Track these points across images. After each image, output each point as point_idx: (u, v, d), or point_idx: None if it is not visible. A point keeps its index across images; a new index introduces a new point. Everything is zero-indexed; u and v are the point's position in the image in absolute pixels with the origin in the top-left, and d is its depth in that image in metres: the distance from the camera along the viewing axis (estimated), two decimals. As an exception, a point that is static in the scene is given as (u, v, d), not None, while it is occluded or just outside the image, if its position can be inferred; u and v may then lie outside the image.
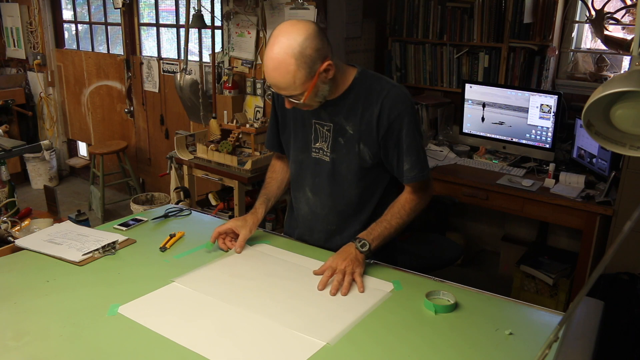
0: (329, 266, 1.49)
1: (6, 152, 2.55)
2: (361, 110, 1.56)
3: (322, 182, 1.68)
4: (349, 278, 1.45)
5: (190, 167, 3.37)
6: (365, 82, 1.57)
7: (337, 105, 1.58)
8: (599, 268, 0.87)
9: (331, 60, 1.45)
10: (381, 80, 1.57)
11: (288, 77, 1.41)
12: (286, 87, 1.44)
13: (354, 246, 1.52)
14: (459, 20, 3.36)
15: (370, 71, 1.61)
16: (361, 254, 1.51)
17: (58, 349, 1.18)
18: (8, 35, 5.21)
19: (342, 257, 1.50)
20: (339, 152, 1.62)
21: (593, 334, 1.22)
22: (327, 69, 1.45)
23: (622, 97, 0.92)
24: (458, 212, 3.72)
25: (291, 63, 1.39)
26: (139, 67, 4.45)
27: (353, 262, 1.49)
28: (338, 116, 1.59)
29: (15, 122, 5.03)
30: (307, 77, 1.42)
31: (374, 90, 1.55)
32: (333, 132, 1.61)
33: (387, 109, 1.53)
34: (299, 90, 1.45)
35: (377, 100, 1.54)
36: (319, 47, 1.42)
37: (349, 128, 1.58)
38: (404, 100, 1.54)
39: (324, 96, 1.53)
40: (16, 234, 1.95)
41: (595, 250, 2.64)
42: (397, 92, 1.54)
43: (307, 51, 1.39)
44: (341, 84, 1.56)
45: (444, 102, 3.56)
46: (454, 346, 1.21)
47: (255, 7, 3.36)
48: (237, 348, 1.19)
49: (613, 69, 3.13)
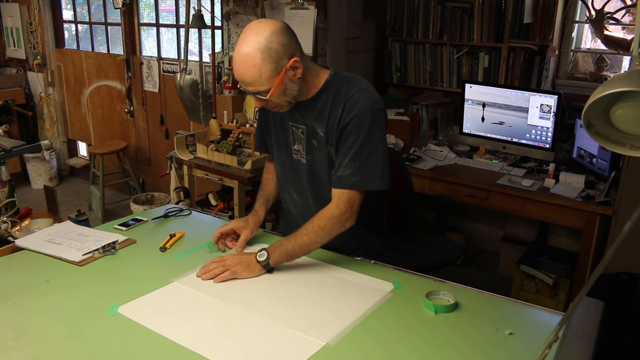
0: (222, 259, 1.52)
1: (6, 152, 2.55)
2: (328, 113, 1.54)
3: (303, 183, 1.68)
4: (227, 273, 1.47)
5: (190, 167, 3.37)
6: (336, 84, 1.55)
7: (308, 108, 1.57)
8: (599, 268, 0.87)
9: (299, 58, 1.44)
10: (350, 83, 1.55)
11: (254, 71, 1.41)
12: (252, 82, 1.43)
13: (255, 253, 1.53)
14: (459, 20, 3.36)
15: (345, 73, 1.59)
16: (257, 263, 1.51)
17: (58, 349, 1.18)
18: (8, 35, 5.21)
19: (237, 257, 1.53)
20: (313, 154, 1.62)
21: (593, 334, 1.22)
22: (294, 66, 1.44)
23: (622, 97, 0.92)
24: (458, 212, 3.72)
25: (257, 56, 1.39)
26: (139, 67, 4.45)
27: (242, 264, 1.50)
28: (310, 118, 1.58)
29: (15, 122, 5.02)
30: (273, 72, 1.42)
31: (342, 92, 1.53)
32: (306, 134, 1.61)
33: (346, 111, 1.51)
34: (265, 85, 1.44)
35: (341, 102, 1.52)
36: (286, 42, 1.42)
37: (319, 130, 1.58)
38: (363, 105, 1.50)
39: (292, 96, 1.51)
40: (16, 234, 1.95)
41: (595, 250, 2.64)
42: (360, 96, 1.51)
43: (272, 45, 1.39)
44: (313, 85, 1.55)
45: (444, 102, 3.56)
46: (454, 346, 1.21)
47: (255, 7, 3.36)
48: (237, 348, 1.19)
49: (613, 69, 3.13)
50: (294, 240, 1.53)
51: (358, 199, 1.54)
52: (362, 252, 1.69)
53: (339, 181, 1.53)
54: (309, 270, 1.56)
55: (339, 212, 1.52)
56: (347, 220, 1.53)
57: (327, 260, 1.63)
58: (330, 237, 1.54)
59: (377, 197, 1.71)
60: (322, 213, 1.54)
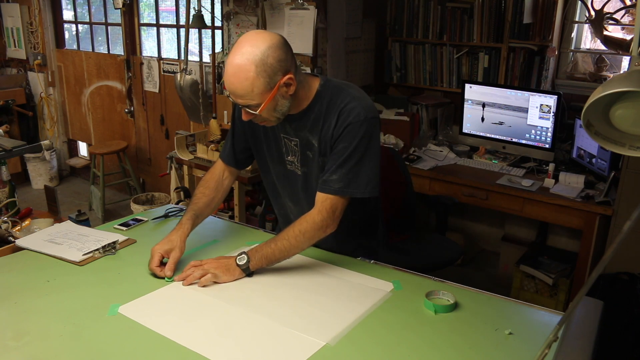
0: (201, 263, 1.50)
1: (6, 152, 2.55)
2: (322, 123, 1.52)
3: (298, 193, 1.67)
4: (208, 276, 1.45)
5: (190, 167, 3.37)
6: (327, 94, 1.52)
7: (301, 120, 1.55)
8: (598, 268, 0.87)
9: (293, 75, 1.41)
10: (342, 92, 1.52)
11: (246, 84, 1.37)
12: (243, 95, 1.39)
13: (235, 256, 1.50)
14: (458, 21, 3.36)
15: (334, 81, 1.57)
16: (237, 267, 1.48)
17: (58, 349, 1.18)
18: (8, 36, 5.21)
19: (217, 261, 1.50)
20: (309, 165, 1.60)
21: (592, 334, 1.22)
22: (288, 82, 1.41)
23: (622, 97, 0.92)
24: (458, 212, 3.72)
25: (251, 70, 1.35)
26: (139, 67, 4.45)
27: (221, 267, 1.47)
28: (303, 131, 1.56)
29: (15, 122, 5.02)
30: (266, 87, 1.38)
31: (334, 103, 1.50)
32: (300, 146, 1.59)
33: (341, 120, 1.48)
34: (257, 100, 1.40)
35: (335, 112, 1.50)
36: (282, 58, 1.38)
37: (314, 142, 1.55)
38: (358, 114, 1.47)
39: (282, 112, 1.48)
40: (16, 234, 1.95)
41: (595, 250, 2.64)
42: (355, 105, 1.48)
43: (268, 60, 1.36)
44: (304, 98, 1.52)
45: (444, 102, 3.57)
46: (454, 346, 1.21)
47: (255, 8, 3.36)
48: (237, 348, 1.19)
49: (612, 69, 3.13)
50: (274, 244, 1.50)
51: (341, 205, 1.52)
52: (358, 253, 1.68)
53: (323, 185, 1.51)
54: (309, 271, 1.56)
55: (321, 218, 1.50)
56: (329, 226, 1.51)
57: (327, 260, 1.63)
58: (311, 242, 1.52)
59: (373, 199, 1.69)
60: (303, 218, 1.52)
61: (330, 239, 1.57)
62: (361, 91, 1.56)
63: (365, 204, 1.67)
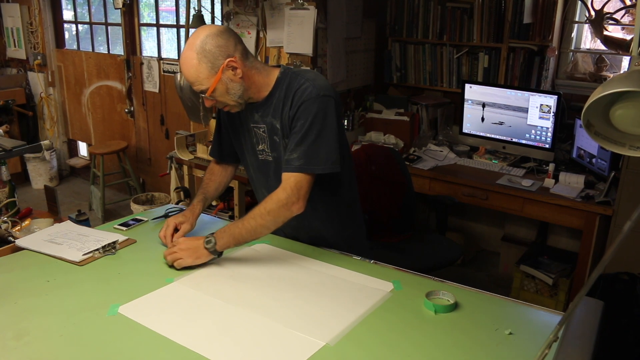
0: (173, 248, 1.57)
1: (6, 152, 2.55)
2: (281, 107, 1.60)
3: (272, 182, 1.71)
4: (180, 261, 1.53)
5: (190, 167, 3.37)
6: (286, 80, 1.62)
7: (264, 106, 1.64)
8: (598, 268, 0.87)
9: (236, 59, 1.52)
10: (299, 77, 1.60)
11: (192, 71, 1.51)
12: (194, 82, 1.53)
13: (203, 238, 1.57)
14: (458, 21, 3.36)
15: (294, 69, 1.66)
16: (204, 249, 1.55)
17: (58, 349, 1.18)
18: (8, 36, 5.21)
19: (185, 243, 1.57)
20: (278, 150, 1.67)
21: (592, 334, 1.22)
22: (232, 66, 1.52)
23: (622, 97, 0.92)
24: (458, 212, 3.72)
25: (193, 57, 1.50)
26: (139, 67, 4.45)
27: (188, 250, 1.55)
28: (268, 117, 1.64)
29: (15, 122, 5.02)
30: (210, 72, 1.51)
31: (292, 87, 1.59)
32: (268, 132, 1.66)
33: (295, 101, 1.57)
34: (205, 84, 1.53)
35: (291, 96, 1.58)
36: (221, 44, 1.51)
37: (277, 125, 1.63)
38: (310, 93, 1.55)
39: (238, 95, 1.57)
40: (16, 233, 1.95)
41: (595, 250, 2.64)
42: (307, 86, 1.56)
43: (207, 46, 1.50)
44: (264, 84, 1.62)
45: (444, 102, 3.57)
46: (454, 346, 1.21)
47: (255, 7, 3.36)
48: (237, 348, 1.19)
49: (612, 69, 3.13)
50: (242, 224, 1.56)
51: (306, 183, 1.56)
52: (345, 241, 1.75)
53: (286, 164, 1.57)
54: (308, 271, 1.56)
55: (285, 195, 1.54)
56: (294, 204, 1.54)
57: (327, 260, 1.63)
58: (277, 221, 1.56)
59: (348, 184, 1.76)
60: (269, 197, 1.57)
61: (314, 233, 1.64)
62: (317, 74, 1.65)
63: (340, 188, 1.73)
